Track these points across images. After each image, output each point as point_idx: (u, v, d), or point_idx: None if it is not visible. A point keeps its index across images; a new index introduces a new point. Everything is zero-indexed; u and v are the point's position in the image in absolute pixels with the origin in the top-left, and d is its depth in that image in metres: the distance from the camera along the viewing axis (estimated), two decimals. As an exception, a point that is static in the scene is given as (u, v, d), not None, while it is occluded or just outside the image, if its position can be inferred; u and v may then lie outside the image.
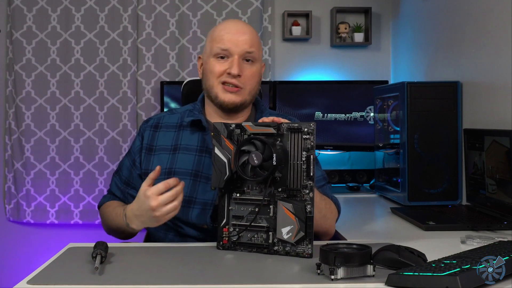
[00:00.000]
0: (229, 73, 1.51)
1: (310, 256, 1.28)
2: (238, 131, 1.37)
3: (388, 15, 3.17)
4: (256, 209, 1.33)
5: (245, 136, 1.35)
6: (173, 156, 1.57)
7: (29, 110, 3.07)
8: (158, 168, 1.39)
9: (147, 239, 1.70)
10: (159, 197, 1.34)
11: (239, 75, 1.52)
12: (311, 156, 1.30)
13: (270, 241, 1.32)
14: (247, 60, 1.54)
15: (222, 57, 1.53)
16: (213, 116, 1.60)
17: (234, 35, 1.53)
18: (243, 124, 1.36)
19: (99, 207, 1.69)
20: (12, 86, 3.06)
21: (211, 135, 1.40)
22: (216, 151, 1.36)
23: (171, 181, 1.35)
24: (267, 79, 3.03)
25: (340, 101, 2.88)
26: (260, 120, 1.38)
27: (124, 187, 1.64)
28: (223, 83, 1.53)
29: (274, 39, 3.13)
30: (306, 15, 3.10)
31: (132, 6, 3.05)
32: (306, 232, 1.28)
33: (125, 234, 1.55)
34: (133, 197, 1.61)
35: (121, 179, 1.65)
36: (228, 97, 1.53)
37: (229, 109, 1.56)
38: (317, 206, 1.34)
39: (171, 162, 1.56)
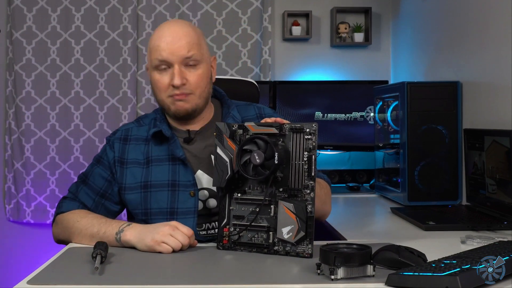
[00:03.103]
0: (172, 85, 1.47)
1: (310, 256, 1.28)
2: (240, 131, 1.37)
3: (388, 15, 3.17)
4: (257, 209, 1.33)
5: (247, 136, 1.35)
6: (147, 169, 1.52)
7: (29, 110, 3.07)
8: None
9: None
10: (175, 227, 1.35)
11: (183, 84, 1.47)
12: (313, 156, 1.30)
13: (270, 241, 1.32)
14: (190, 65, 1.48)
15: (163, 68, 1.48)
16: (174, 123, 1.57)
17: (169, 43, 1.46)
18: (246, 124, 1.37)
19: (61, 212, 1.51)
20: (12, 86, 3.06)
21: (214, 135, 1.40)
22: (218, 150, 1.36)
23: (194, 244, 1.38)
24: (267, 79, 3.03)
25: (340, 101, 2.88)
26: (262, 121, 1.38)
27: (99, 198, 1.54)
28: (171, 96, 1.49)
29: (274, 39, 3.13)
30: (306, 15, 3.10)
31: (132, 6, 3.05)
32: (307, 232, 1.28)
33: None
34: (107, 209, 1.54)
35: (93, 190, 1.54)
36: (179, 105, 1.49)
37: (183, 117, 1.52)
38: (318, 196, 1.35)
39: (145, 176, 1.51)
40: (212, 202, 1.51)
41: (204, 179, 1.51)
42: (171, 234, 1.33)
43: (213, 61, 1.58)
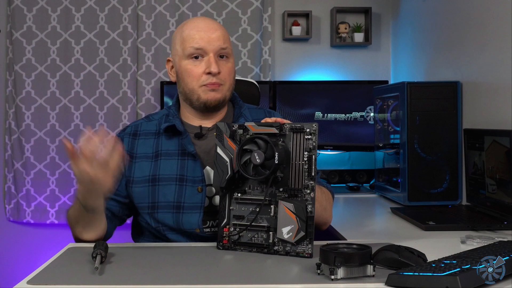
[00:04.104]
0: (209, 73, 1.49)
1: (310, 256, 1.28)
2: (240, 131, 1.37)
3: (388, 15, 3.17)
4: (257, 209, 1.33)
5: (248, 136, 1.35)
6: (155, 163, 1.53)
7: (29, 110, 3.07)
8: (65, 140, 1.27)
9: None
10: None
11: (219, 73, 1.50)
12: (313, 156, 1.30)
13: (271, 240, 1.32)
14: (222, 57, 1.52)
15: (196, 57, 1.51)
16: (190, 118, 1.58)
17: (206, 32, 1.50)
18: (246, 124, 1.37)
19: (67, 212, 1.51)
20: (12, 86, 3.06)
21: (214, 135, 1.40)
22: (218, 150, 1.36)
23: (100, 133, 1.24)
24: (267, 79, 3.03)
25: (340, 101, 2.88)
26: (263, 121, 1.38)
27: None
28: (205, 85, 1.51)
29: (274, 39, 3.13)
30: (306, 15, 3.10)
31: (132, 6, 3.05)
32: (307, 232, 1.28)
33: (88, 223, 1.41)
34: (116, 202, 1.54)
35: None
36: (211, 95, 1.51)
37: (212, 107, 1.53)
38: (318, 200, 1.35)
39: (154, 169, 1.52)
40: (218, 200, 1.51)
41: (212, 175, 1.51)
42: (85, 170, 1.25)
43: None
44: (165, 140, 1.55)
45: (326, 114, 2.88)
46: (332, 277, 1.09)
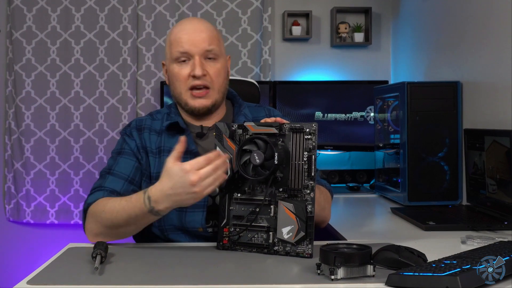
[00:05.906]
0: (193, 76, 1.49)
1: (310, 256, 1.28)
2: (240, 131, 1.37)
3: (388, 15, 3.17)
4: (257, 209, 1.33)
5: (247, 136, 1.35)
6: (159, 159, 1.53)
7: (29, 110, 3.07)
8: (183, 138, 1.30)
9: None
10: (199, 171, 1.24)
11: (204, 75, 1.50)
12: (313, 156, 1.30)
13: (270, 241, 1.32)
14: (210, 58, 1.52)
15: (183, 60, 1.51)
16: (189, 118, 1.58)
17: (191, 35, 1.50)
18: (245, 124, 1.37)
19: (90, 204, 1.44)
20: (12, 86, 3.06)
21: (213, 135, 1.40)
22: (218, 150, 1.36)
23: (212, 155, 1.27)
24: (267, 79, 3.03)
25: (340, 101, 2.88)
26: (262, 121, 1.39)
27: (127, 184, 1.50)
28: (191, 88, 1.51)
29: (274, 39, 3.13)
30: (306, 15, 3.10)
31: (132, 6, 3.05)
32: (307, 232, 1.28)
33: (134, 225, 1.37)
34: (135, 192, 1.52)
35: (121, 177, 1.51)
36: (198, 102, 1.51)
37: (200, 113, 1.54)
38: (316, 201, 1.35)
39: (158, 166, 1.51)
40: None
41: None
42: (199, 187, 1.25)
43: (228, 60, 1.61)
44: (168, 138, 1.56)
45: (326, 114, 2.88)
46: (332, 277, 1.09)
